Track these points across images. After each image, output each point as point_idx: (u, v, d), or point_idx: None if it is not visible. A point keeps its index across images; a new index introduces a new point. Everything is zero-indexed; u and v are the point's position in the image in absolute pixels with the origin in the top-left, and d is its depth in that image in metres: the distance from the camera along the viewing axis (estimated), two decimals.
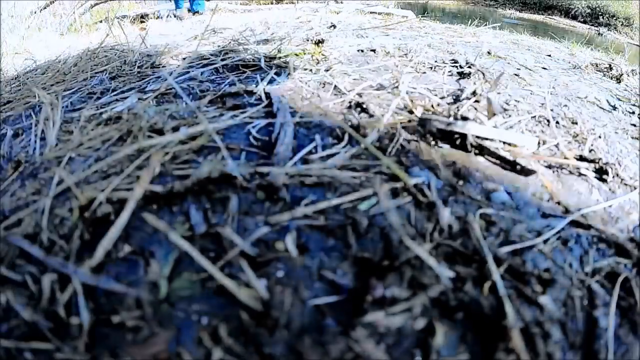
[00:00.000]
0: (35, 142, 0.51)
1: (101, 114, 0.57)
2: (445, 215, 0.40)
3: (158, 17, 2.50)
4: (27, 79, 0.97)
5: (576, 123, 0.69)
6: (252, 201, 0.40)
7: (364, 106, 0.65)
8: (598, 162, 0.55)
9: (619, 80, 1.07)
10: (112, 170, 0.43)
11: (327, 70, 0.84)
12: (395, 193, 0.44)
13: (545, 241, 0.40)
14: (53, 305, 0.29)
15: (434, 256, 0.35)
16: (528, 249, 0.38)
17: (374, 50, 1.03)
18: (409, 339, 0.29)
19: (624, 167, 0.56)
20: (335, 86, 0.74)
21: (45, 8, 2.66)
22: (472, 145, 0.54)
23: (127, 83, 0.75)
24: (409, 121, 0.59)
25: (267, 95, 0.67)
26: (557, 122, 0.68)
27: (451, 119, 0.55)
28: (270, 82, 0.75)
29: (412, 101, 0.65)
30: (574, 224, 0.44)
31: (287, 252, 0.35)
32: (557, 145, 0.59)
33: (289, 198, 0.41)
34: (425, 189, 0.44)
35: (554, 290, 0.35)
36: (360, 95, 0.70)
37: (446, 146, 0.55)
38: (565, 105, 0.79)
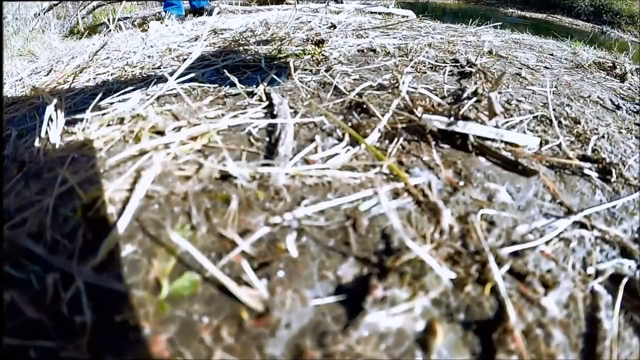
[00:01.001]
0: (39, 142, 0.52)
1: (104, 114, 0.58)
2: (446, 215, 0.40)
3: (160, 18, 2.51)
4: (31, 80, 0.98)
5: (579, 123, 0.69)
6: (253, 201, 0.40)
7: (364, 106, 0.65)
8: (601, 162, 0.55)
9: (622, 79, 1.06)
10: (114, 171, 0.44)
11: (327, 71, 0.84)
12: (396, 193, 0.44)
13: (547, 242, 0.40)
14: (57, 304, 0.30)
15: (434, 257, 0.35)
16: (530, 250, 0.38)
17: (374, 50, 1.03)
18: (410, 340, 0.29)
19: (627, 167, 0.56)
20: (336, 86, 0.74)
21: (48, 10, 2.68)
22: (473, 146, 0.54)
23: (129, 84, 0.75)
24: (410, 121, 0.59)
25: (268, 95, 0.67)
26: (560, 122, 0.68)
27: (452, 119, 0.55)
28: (271, 82, 0.75)
29: (412, 101, 0.65)
30: (577, 224, 0.43)
31: (288, 252, 0.35)
32: (559, 145, 0.59)
33: (290, 198, 0.41)
34: (426, 189, 0.44)
35: (556, 291, 0.35)
36: (360, 95, 0.70)
37: (447, 146, 0.55)
38: (568, 105, 0.78)
